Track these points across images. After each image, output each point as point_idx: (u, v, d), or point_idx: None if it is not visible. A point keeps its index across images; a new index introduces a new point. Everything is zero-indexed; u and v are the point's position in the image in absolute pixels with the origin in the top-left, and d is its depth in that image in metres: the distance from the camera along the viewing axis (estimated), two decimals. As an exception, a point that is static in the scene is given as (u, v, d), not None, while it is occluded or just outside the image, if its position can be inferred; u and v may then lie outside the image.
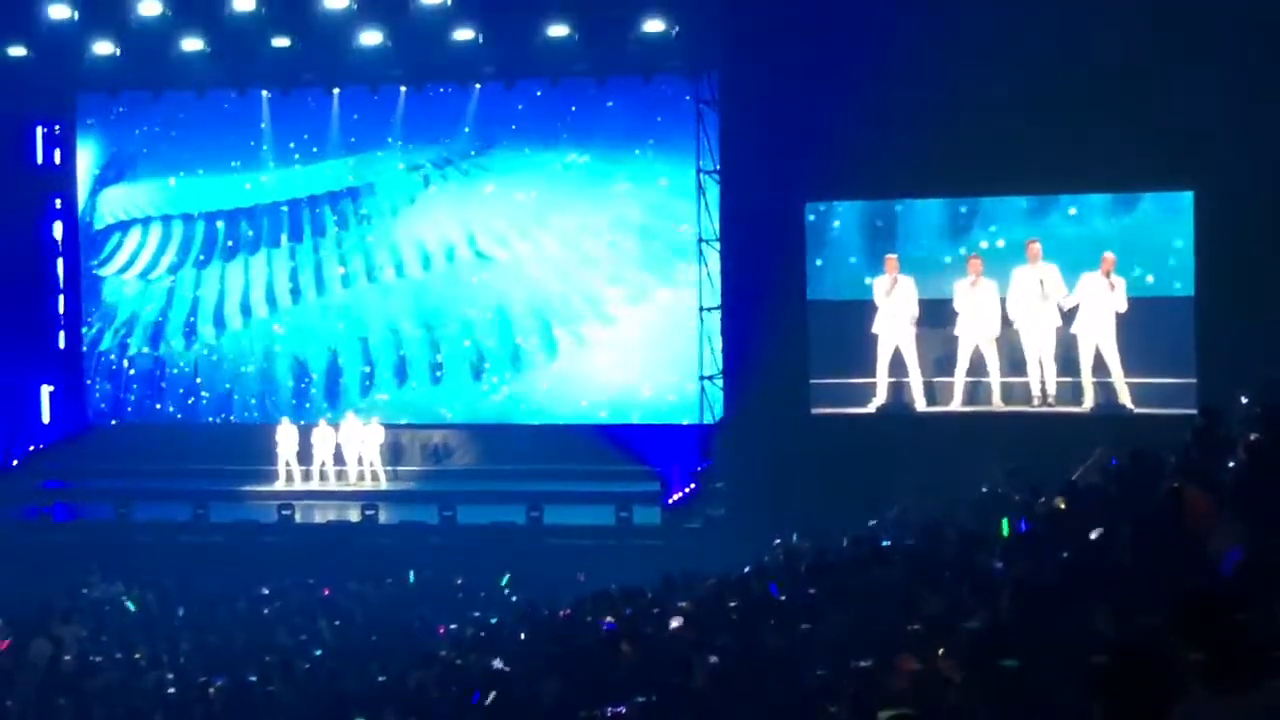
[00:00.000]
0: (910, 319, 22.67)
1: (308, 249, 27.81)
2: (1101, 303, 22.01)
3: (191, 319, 28.14)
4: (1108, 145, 20.98)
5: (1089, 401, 21.99)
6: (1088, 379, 22.11)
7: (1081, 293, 22.09)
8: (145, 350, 28.27)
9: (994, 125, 21.30)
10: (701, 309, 24.92)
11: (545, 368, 26.82)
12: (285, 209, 27.78)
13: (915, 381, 22.74)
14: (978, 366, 22.53)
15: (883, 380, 22.85)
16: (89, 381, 28.42)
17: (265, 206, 27.85)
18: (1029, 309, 22.32)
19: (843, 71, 21.56)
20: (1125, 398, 21.75)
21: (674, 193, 26.00)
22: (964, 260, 22.48)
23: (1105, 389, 21.95)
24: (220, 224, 28.00)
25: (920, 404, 22.68)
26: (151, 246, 28.27)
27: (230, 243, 27.96)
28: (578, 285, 26.62)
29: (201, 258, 28.08)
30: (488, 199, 27.02)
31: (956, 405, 22.54)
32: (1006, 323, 22.34)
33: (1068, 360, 22.20)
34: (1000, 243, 22.45)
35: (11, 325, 27.33)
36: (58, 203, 28.43)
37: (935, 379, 22.82)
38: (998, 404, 22.36)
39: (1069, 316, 22.09)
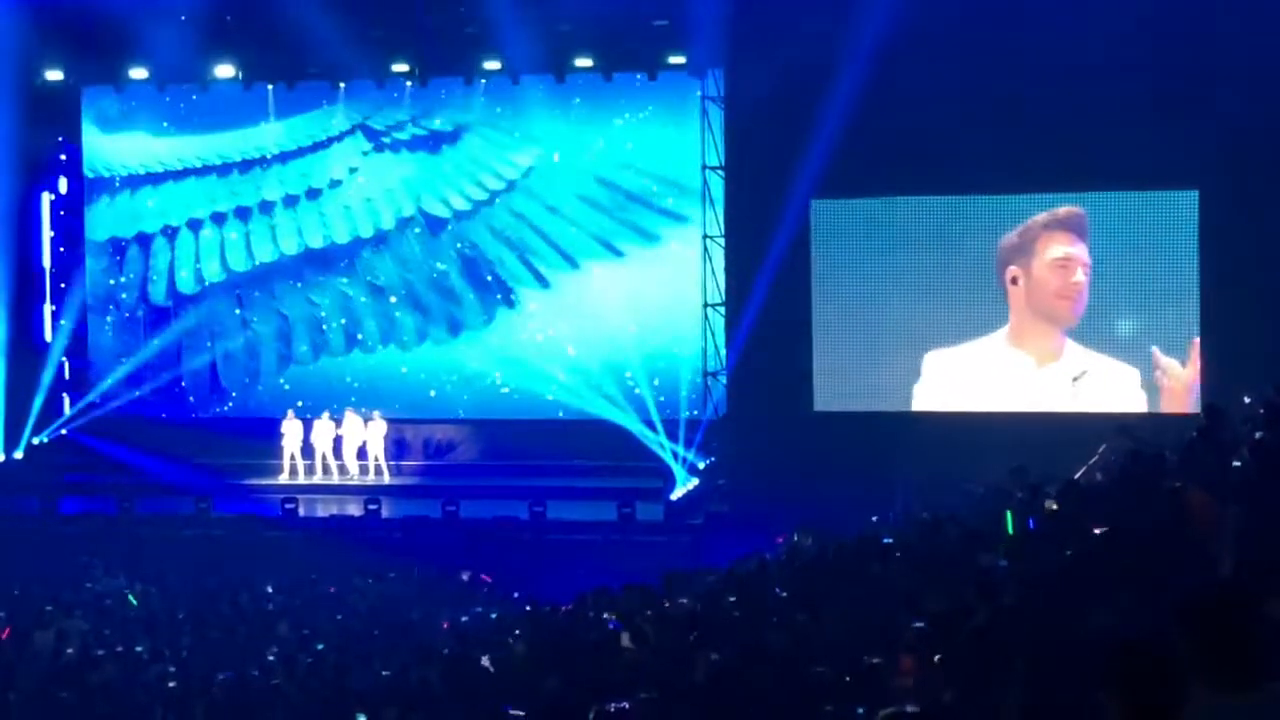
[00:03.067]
0: None
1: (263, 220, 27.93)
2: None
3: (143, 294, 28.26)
4: (1112, 144, 20.98)
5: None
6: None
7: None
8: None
9: (1000, 124, 21.32)
10: (706, 305, 24.92)
11: (540, 361, 26.82)
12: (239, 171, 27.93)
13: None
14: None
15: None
16: (91, 374, 28.47)
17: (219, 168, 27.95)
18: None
19: (848, 69, 21.57)
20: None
21: (678, 190, 25.95)
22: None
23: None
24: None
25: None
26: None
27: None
28: (578, 279, 26.57)
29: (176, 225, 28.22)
30: (488, 191, 27.01)
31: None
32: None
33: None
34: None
35: (14, 317, 27.32)
36: (62, 187, 28.42)
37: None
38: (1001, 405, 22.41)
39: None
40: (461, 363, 27.02)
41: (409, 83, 26.58)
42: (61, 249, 28.41)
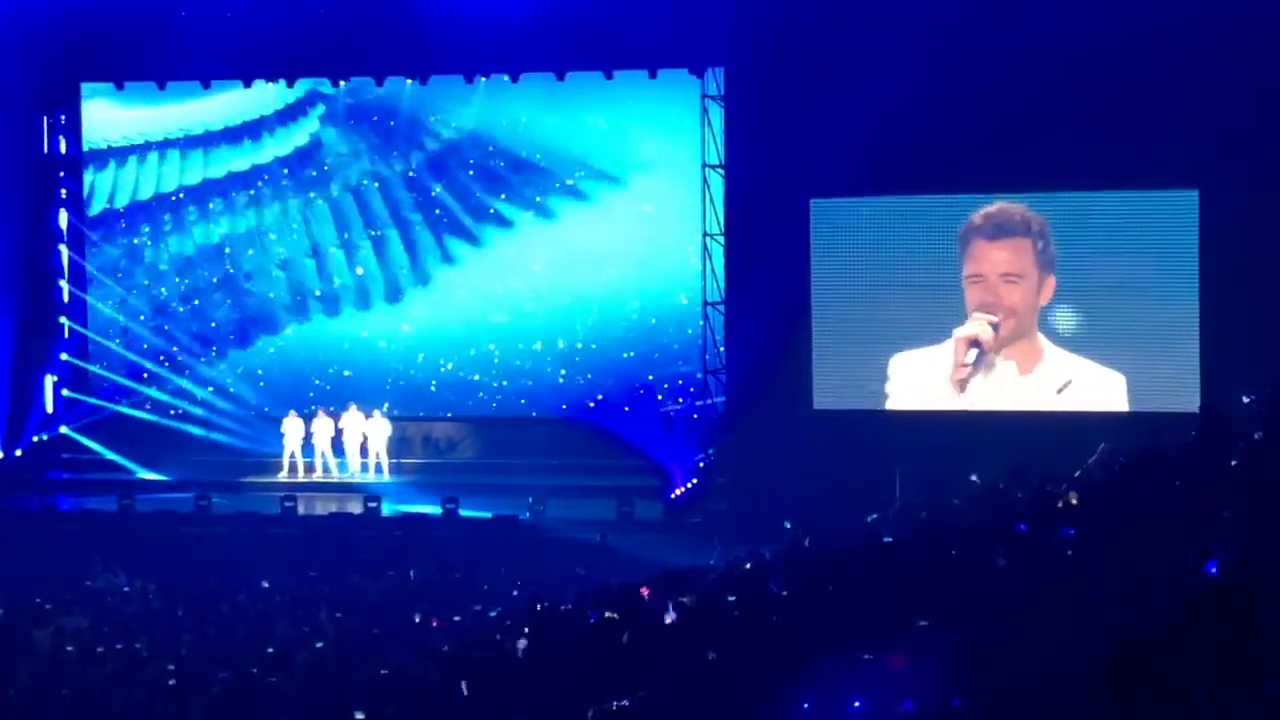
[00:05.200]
0: None
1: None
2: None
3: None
4: (1113, 144, 20.97)
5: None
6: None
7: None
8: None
9: (1000, 123, 21.32)
10: (705, 304, 24.92)
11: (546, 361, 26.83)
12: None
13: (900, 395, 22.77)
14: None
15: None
16: (93, 368, 28.43)
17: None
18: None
19: (848, 68, 21.57)
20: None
21: (679, 188, 25.94)
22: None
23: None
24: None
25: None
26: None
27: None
28: (579, 279, 26.55)
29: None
30: (492, 189, 27.01)
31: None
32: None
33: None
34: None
35: (16, 315, 27.32)
36: (62, 192, 28.37)
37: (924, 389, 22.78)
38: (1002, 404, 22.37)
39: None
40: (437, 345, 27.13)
41: (409, 81, 26.57)
42: (61, 247, 28.33)
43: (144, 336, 28.24)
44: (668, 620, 11.21)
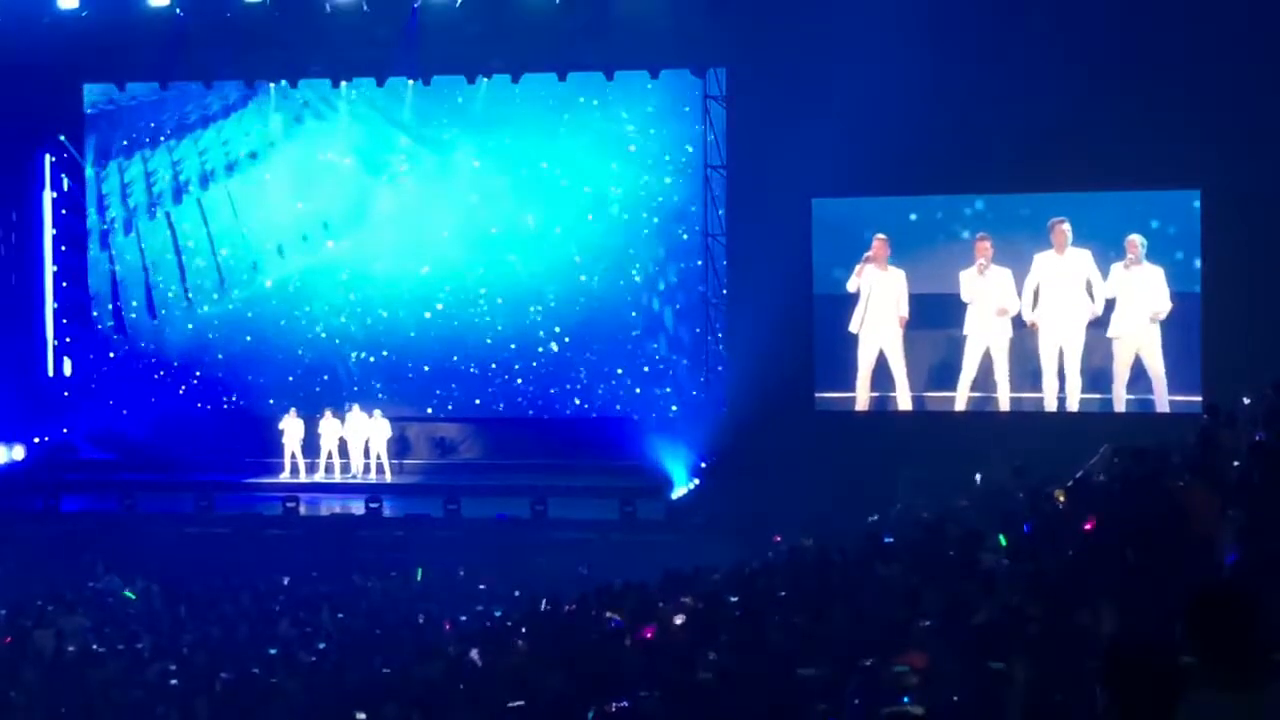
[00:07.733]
0: (899, 317, 22.42)
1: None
2: (1138, 298, 21.44)
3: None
4: (1115, 144, 20.97)
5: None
6: (1121, 394, 21.77)
7: (1116, 288, 21.64)
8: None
9: (1002, 123, 21.31)
10: (708, 304, 24.92)
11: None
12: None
13: (902, 395, 22.54)
14: (984, 376, 22.30)
15: (864, 393, 22.67)
16: (93, 368, 28.45)
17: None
18: (1054, 305, 21.84)
19: (850, 68, 21.56)
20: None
21: (680, 188, 25.94)
22: (969, 244, 22.26)
23: (1140, 406, 21.65)
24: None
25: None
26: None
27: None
28: (581, 281, 26.55)
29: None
30: (494, 189, 27.00)
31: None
32: (1021, 323, 22.06)
33: (1096, 372, 21.97)
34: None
35: (17, 316, 27.33)
36: (63, 210, 28.38)
37: (929, 393, 22.58)
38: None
39: (1102, 316, 21.74)
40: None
41: (411, 81, 26.54)
42: (63, 248, 28.32)
43: (139, 329, 28.29)
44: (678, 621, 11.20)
